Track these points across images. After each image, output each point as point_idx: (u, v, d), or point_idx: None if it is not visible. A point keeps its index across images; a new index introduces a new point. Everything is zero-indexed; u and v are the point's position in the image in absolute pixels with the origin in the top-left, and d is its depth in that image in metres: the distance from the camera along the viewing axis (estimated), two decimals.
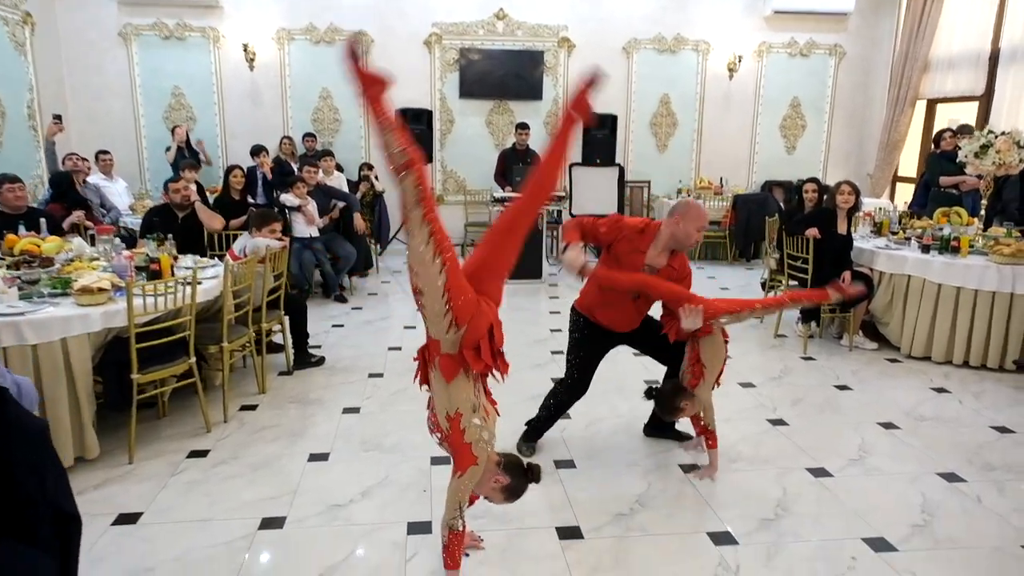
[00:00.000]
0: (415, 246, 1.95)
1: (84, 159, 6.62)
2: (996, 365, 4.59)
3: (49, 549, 1.74)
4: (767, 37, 8.97)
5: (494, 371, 2.17)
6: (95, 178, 6.79)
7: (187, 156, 7.58)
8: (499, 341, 2.17)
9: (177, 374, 3.46)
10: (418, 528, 2.73)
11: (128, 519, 2.77)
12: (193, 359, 3.45)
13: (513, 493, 2.24)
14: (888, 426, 3.78)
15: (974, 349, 4.63)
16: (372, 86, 1.86)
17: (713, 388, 3.13)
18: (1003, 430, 3.74)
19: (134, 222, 6.13)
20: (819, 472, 3.25)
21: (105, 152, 7.12)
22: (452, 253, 1.99)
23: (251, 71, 8.29)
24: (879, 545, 2.66)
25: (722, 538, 2.70)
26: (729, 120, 9.14)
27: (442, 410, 2.12)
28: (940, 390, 4.32)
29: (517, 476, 2.23)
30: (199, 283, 3.45)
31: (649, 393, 3.20)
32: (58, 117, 7.16)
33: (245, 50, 8.16)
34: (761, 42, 8.96)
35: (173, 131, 7.83)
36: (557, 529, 2.75)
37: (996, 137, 4.91)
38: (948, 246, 4.81)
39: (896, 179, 9.15)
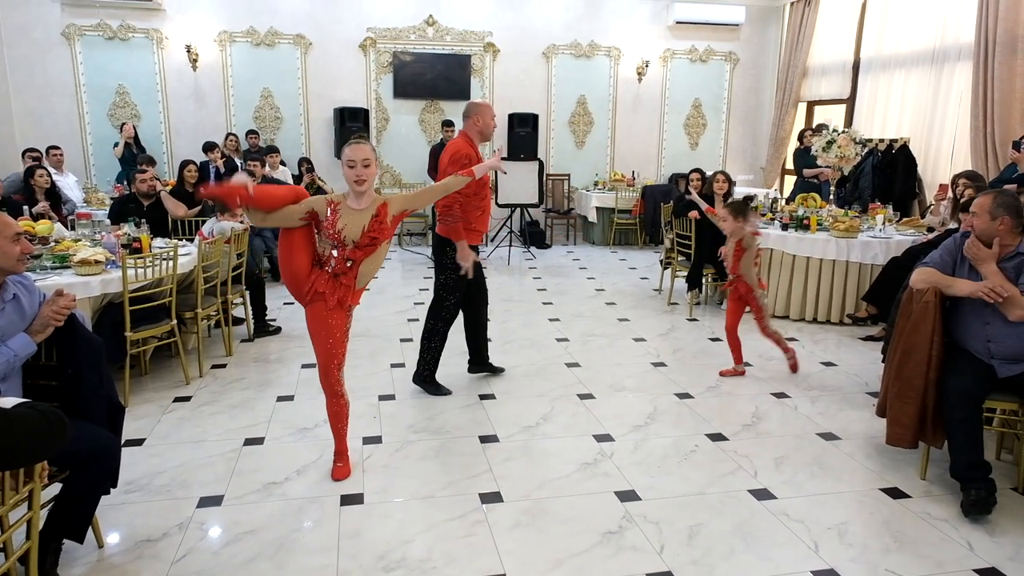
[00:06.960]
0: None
1: (39, 155, 7.03)
2: (837, 320, 5.70)
3: (105, 426, 2.47)
4: (671, 44, 10.04)
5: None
6: None
7: (135, 152, 8.05)
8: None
9: (160, 334, 4.12)
10: (370, 440, 3.51)
11: (135, 443, 3.44)
12: (175, 321, 4.11)
13: None
14: (745, 365, 4.77)
15: (820, 307, 5.73)
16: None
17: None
18: (828, 364, 4.80)
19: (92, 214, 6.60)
20: (684, 396, 4.20)
21: (56, 147, 7.52)
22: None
23: (194, 71, 8.76)
24: (716, 437, 3.61)
25: (604, 438, 3.59)
26: (639, 119, 10.18)
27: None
28: (790, 339, 5.34)
29: None
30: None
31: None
32: None
33: (188, 51, 8.63)
34: (665, 49, 10.02)
35: (121, 128, 8.25)
36: (478, 438, 3.58)
37: (839, 135, 6.01)
38: (801, 224, 5.88)
39: (784, 171, 10.39)
